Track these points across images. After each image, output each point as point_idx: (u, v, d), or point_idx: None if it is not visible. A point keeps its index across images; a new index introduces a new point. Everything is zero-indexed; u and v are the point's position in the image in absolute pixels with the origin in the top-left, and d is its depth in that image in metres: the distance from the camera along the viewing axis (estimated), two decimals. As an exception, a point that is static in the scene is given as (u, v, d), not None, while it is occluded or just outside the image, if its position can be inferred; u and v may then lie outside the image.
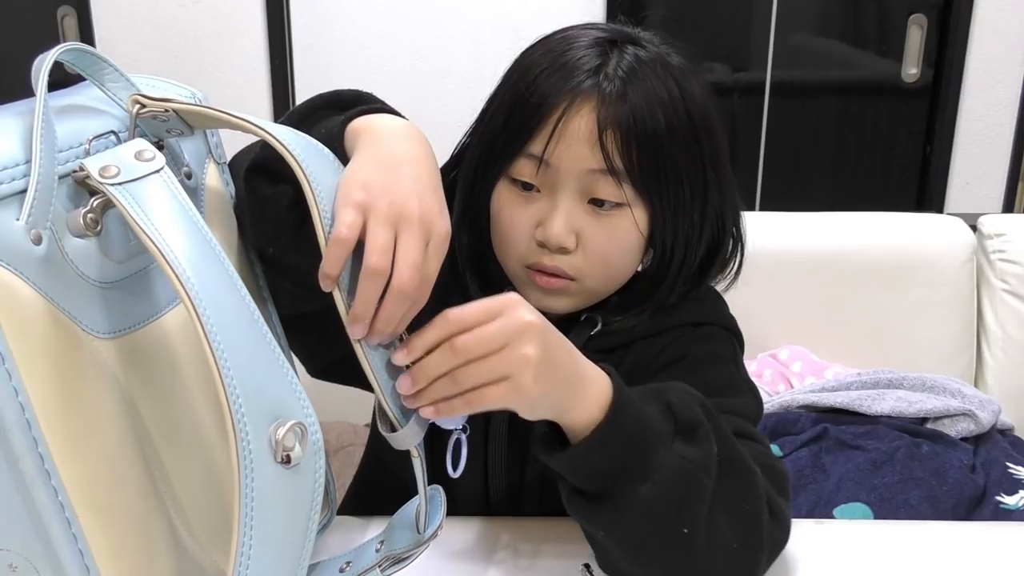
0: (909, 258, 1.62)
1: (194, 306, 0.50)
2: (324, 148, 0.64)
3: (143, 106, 0.61)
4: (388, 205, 0.61)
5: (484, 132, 0.85)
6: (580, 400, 0.67)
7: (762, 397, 0.89)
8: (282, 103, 2.49)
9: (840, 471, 1.34)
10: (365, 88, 0.78)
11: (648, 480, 0.67)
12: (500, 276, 0.88)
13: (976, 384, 1.64)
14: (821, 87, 2.65)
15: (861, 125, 2.67)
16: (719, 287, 0.93)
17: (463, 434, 0.72)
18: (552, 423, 0.69)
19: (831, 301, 1.63)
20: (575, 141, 0.79)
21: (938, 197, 2.58)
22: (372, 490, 1.00)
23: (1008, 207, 2.55)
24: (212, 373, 0.50)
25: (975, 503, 1.31)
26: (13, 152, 0.52)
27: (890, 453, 1.35)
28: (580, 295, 0.85)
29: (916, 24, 2.50)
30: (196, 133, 0.66)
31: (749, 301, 0.95)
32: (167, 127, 0.62)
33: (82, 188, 0.55)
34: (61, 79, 0.58)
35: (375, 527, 0.72)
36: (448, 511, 0.70)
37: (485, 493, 0.90)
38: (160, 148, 0.61)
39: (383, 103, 0.75)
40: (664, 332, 0.88)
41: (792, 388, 1.57)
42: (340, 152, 0.67)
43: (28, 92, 0.55)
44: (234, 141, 0.73)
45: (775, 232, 1.63)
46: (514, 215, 0.83)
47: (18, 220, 0.51)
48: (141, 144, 0.57)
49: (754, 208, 2.62)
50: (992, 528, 1.08)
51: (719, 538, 0.69)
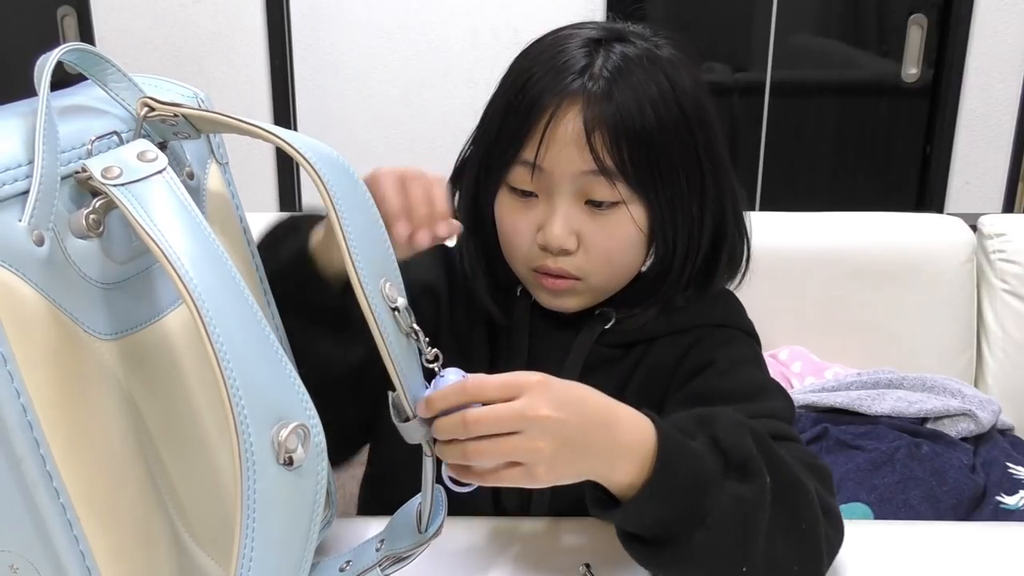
0: (909, 258, 1.62)
1: (196, 307, 0.50)
2: (340, 157, 0.63)
3: (152, 109, 0.60)
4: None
5: (482, 140, 0.86)
6: (615, 467, 0.66)
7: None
8: (282, 103, 2.48)
9: (840, 471, 1.34)
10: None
11: (703, 525, 0.66)
12: (509, 279, 0.88)
13: (976, 384, 1.63)
14: (821, 87, 2.64)
15: (861, 125, 2.67)
16: (730, 286, 0.92)
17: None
18: None
19: (831, 301, 1.63)
20: (565, 144, 0.79)
21: (938, 197, 2.57)
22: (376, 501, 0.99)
23: (1008, 207, 2.55)
24: (214, 374, 0.49)
25: (975, 503, 1.31)
26: (15, 153, 0.52)
27: (890, 453, 1.35)
28: (588, 293, 0.86)
29: (916, 24, 2.50)
30: (199, 134, 0.65)
31: (749, 301, 0.95)
32: (174, 130, 0.62)
33: (84, 189, 0.55)
34: (62, 79, 0.58)
35: (375, 526, 0.72)
36: (459, 515, 0.70)
37: (495, 500, 0.90)
38: (162, 148, 0.61)
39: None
40: (683, 332, 0.88)
41: (792, 388, 1.57)
42: None
43: (29, 92, 0.55)
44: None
45: (775, 232, 1.63)
46: (516, 222, 0.84)
47: (20, 221, 0.51)
48: (144, 145, 0.57)
49: (754, 208, 2.61)
50: (992, 528, 1.08)
51: (779, 563, 0.69)
